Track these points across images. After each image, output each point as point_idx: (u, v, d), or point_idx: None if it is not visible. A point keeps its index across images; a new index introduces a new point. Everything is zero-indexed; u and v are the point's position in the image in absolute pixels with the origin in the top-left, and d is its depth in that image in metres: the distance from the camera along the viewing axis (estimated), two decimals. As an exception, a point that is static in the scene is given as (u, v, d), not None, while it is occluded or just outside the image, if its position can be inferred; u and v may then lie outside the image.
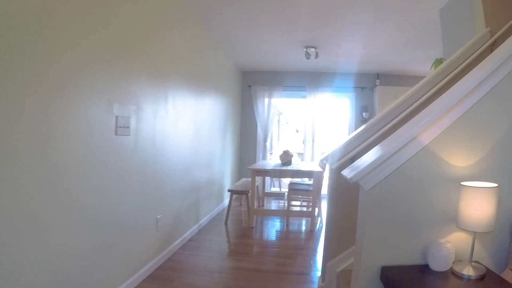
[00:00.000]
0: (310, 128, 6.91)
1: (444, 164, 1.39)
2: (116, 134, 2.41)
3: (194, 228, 4.26)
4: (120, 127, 2.44)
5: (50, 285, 1.86)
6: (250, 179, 5.54)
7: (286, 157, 5.00)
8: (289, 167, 4.77)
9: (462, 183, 1.33)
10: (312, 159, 6.83)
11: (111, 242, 2.44)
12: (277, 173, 4.66)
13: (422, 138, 1.36)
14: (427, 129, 1.36)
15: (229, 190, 4.82)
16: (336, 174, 2.47)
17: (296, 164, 5.31)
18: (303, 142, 7.18)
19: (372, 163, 1.32)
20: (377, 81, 6.81)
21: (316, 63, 6.11)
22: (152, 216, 3.10)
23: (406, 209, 1.40)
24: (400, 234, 1.41)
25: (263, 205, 6.05)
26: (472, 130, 1.42)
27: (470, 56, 2.35)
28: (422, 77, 7.06)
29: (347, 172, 1.46)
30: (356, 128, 6.95)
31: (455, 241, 1.40)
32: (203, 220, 4.63)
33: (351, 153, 2.45)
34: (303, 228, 4.79)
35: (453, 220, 1.40)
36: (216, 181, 5.28)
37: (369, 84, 6.95)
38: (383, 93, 6.71)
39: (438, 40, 4.70)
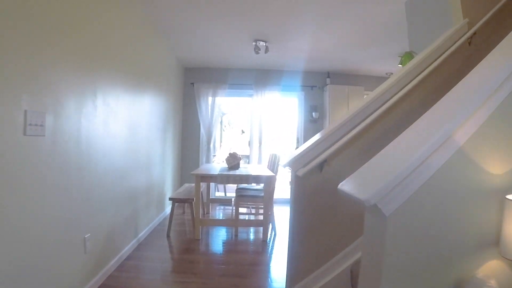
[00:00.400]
0: (257, 129, 6.59)
1: (480, 171, 1.06)
2: (25, 134, 1.86)
3: (133, 243, 3.72)
4: (30, 125, 1.89)
5: None
6: (193, 184, 5.10)
7: (233, 160, 4.62)
8: (237, 172, 4.37)
9: (508, 196, 1.01)
10: (260, 162, 6.53)
11: (25, 271, 1.89)
12: (225, 179, 4.22)
13: (457, 137, 1.02)
14: (462, 125, 1.03)
15: (170, 199, 4.31)
16: (303, 180, 2.16)
17: (245, 167, 4.97)
18: (249, 144, 6.86)
19: (395, 176, 0.94)
20: (328, 80, 6.69)
21: (264, 60, 5.83)
22: (79, 235, 2.54)
23: (436, 233, 1.06)
24: (428, 267, 1.07)
25: (208, 213, 5.63)
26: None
27: (447, 50, 2.15)
28: (376, 77, 7.15)
29: (353, 189, 1.08)
30: (305, 129, 6.78)
31: (495, 274, 1.08)
32: (143, 233, 4.09)
33: (320, 157, 2.15)
34: (254, 237, 4.44)
35: (491, 244, 1.09)
36: (156, 188, 4.74)
37: (319, 83, 6.81)
38: (334, 92, 6.59)
39: (395, 37, 4.59)
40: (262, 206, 4.62)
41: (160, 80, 4.83)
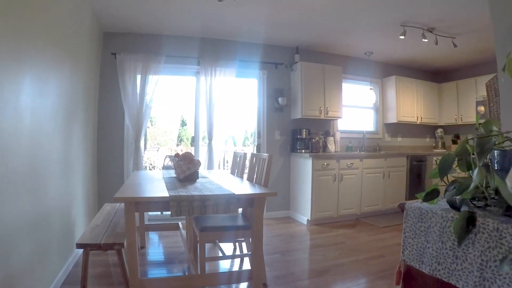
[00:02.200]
0: (205, 120, 5.04)
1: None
2: None
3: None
4: None
5: None
6: (118, 204, 3.48)
7: (188, 166, 3.03)
8: (202, 188, 2.55)
9: None
10: (209, 164, 4.98)
11: None
12: (186, 208, 2.16)
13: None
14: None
15: (79, 245, 2.44)
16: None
17: (204, 177, 3.24)
18: (194, 140, 5.28)
19: None
20: (297, 57, 5.36)
21: (214, 23, 4.37)
22: None
23: None
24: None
25: (143, 246, 3.92)
26: None
27: None
28: (354, 58, 5.31)
29: None
30: (268, 120, 5.35)
31: None
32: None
33: None
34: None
35: None
36: (56, 217, 2.89)
37: (286, 59, 5.46)
38: (308, 71, 5.31)
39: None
40: (245, 241, 3.30)
41: (64, 46, 3.04)
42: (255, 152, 5.41)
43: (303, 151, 5.32)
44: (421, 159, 6.25)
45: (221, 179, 3.15)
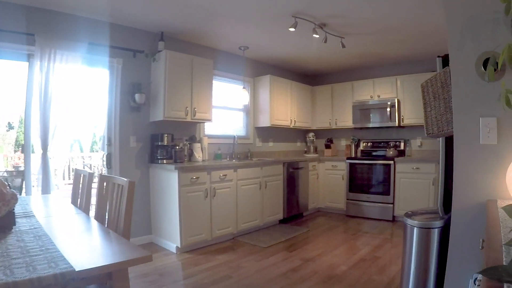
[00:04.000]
0: (39, 122, 3.77)
1: None
2: None
3: None
4: None
5: None
6: None
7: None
8: (14, 253, 1.72)
9: None
10: (45, 187, 3.75)
11: None
12: None
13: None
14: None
15: None
16: None
17: (31, 221, 2.21)
18: (25, 149, 3.98)
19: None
20: (161, 45, 4.53)
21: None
22: None
23: None
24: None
25: None
26: None
27: None
28: (228, 53, 4.69)
29: None
30: (121, 121, 4.39)
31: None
32: None
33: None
34: None
35: None
36: None
37: (147, 47, 4.57)
38: (175, 62, 4.53)
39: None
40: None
41: None
42: (105, 164, 4.37)
43: (165, 161, 4.51)
44: (297, 166, 6.06)
45: (55, 222, 2.16)
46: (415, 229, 2.50)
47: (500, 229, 1.29)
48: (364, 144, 6.85)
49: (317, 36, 4.55)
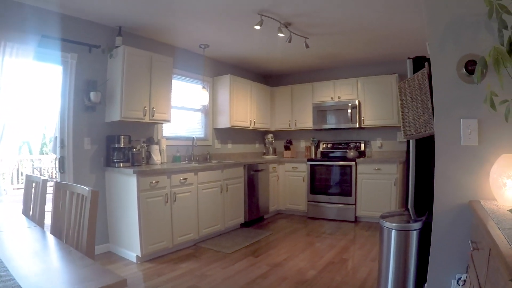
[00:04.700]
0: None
1: None
2: None
3: None
4: None
5: None
6: None
7: None
8: None
9: None
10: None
11: None
12: None
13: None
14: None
15: None
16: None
17: None
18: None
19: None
20: (118, 40, 4.32)
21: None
22: None
23: None
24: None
25: None
26: None
27: None
28: (188, 51, 4.78)
29: None
30: (74, 122, 4.15)
31: None
32: None
33: None
34: None
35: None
36: None
37: (104, 42, 4.34)
38: (133, 59, 4.36)
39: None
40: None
41: None
42: (57, 168, 4.08)
43: (121, 164, 4.30)
44: (258, 168, 6.03)
45: (6, 239, 1.94)
46: (393, 232, 2.54)
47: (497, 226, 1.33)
48: (324, 146, 6.97)
49: (282, 35, 4.54)
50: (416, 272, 2.45)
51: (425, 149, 3.01)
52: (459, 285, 2.00)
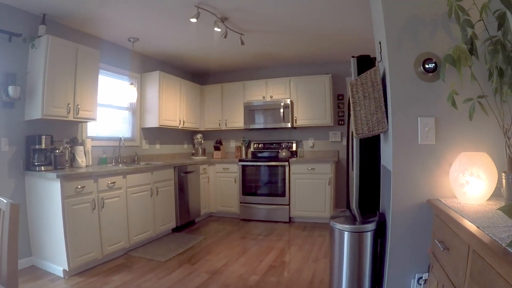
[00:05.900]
0: None
1: None
2: None
3: None
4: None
5: None
6: None
7: None
8: None
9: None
10: None
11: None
12: None
13: None
14: None
15: None
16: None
17: None
18: None
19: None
20: (42, 29, 3.99)
21: None
22: None
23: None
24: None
25: None
26: None
27: None
28: (117, 45, 5.14)
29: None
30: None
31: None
32: None
33: None
34: None
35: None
36: None
37: (26, 30, 3.98)
38: (57, 50, 4.06)
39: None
40: None
41: None
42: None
43: (43, 168, 3.98)
44: (188, 170, 5.95)
45: None
46: (347, 234, 2.63)
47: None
48: (255, 146, 7.08)
49: (219, 30, 4.55)
50: (372, 272, 2.58)
51: (368, 148, 3.17)
52: (420, 284, 2.15)
